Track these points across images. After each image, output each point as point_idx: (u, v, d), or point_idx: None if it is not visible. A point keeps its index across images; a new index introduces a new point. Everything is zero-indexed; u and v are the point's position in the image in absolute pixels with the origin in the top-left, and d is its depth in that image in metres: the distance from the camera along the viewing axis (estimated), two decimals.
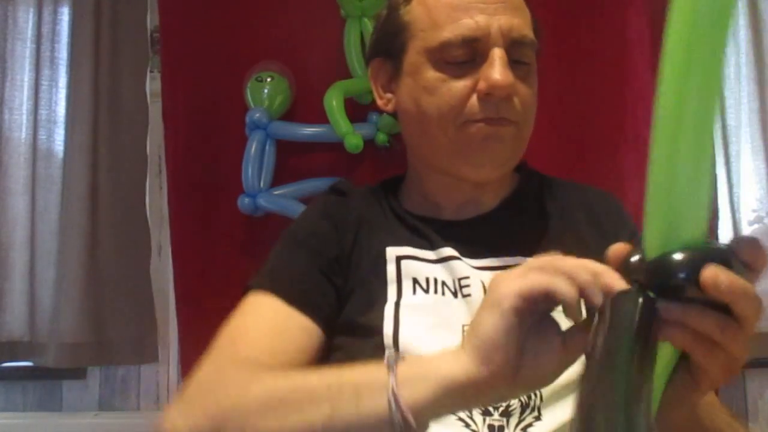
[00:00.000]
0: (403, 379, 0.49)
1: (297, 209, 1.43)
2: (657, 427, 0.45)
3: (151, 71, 1.91)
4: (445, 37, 0.70)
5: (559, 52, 1.58)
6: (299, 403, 0.52)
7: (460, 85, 0.70)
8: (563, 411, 0.64)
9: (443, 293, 0.71)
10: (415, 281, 0.72)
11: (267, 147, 1.55)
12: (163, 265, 1.87)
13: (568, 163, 1.50)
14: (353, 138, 1.49)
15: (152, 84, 1.88)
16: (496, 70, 0.68)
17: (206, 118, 1.62)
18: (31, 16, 1.94)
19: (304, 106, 1.62)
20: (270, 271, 0.75)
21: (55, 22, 1.94)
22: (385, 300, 0.71)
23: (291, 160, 1.60)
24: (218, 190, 1.59)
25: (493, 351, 0.46)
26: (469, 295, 0.70)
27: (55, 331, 1.79)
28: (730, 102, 1.77)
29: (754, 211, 1.76)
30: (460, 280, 0.71)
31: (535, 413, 0.63)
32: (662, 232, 0.44)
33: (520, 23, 0.71)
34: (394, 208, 0.80)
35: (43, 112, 1.92)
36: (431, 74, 0.72)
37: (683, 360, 0.46)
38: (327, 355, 0.72)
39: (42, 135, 1.92)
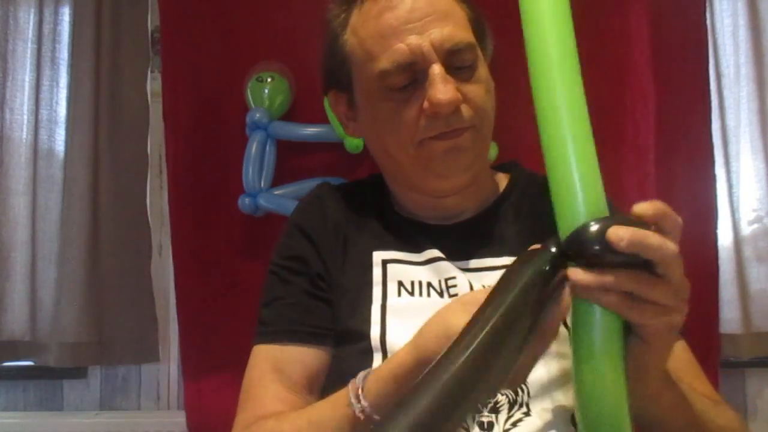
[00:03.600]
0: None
1: None
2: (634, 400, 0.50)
3: (151, 71, 1.91)
4: (382, 67, 0.70)
5: None
6: None
7: (408, 109, 0.71)
8: (552, 405, 0.64)
9: (429, 295, 0.72)
10: (401, 284, 0.73)
11: (267, 147, 1.55)
12: (163, 264, 1.87)
13: None
14: (353, 138, 1.50)
15: (153, 84, 1.88)
16: (437, 89, 0.68)
17: (207, 118, 1.62)
18: (32, 16, 1.94)
19: (304, 106, 1.62)
20: (262, 319, 0.78)
21: (56, 22, 1.95)
22: (370, 302, 0.72)
23: (291, 160, 1.60)
24: (218, 190, 1.59)
25: None
26: (456, 294, 0.70)
27: (56, 331, 1.79)
28: (729, 102, 1.77)
29: (754, 210, 1.76)
30: (446, 280, 0.72)
31: (524, 408, 0.64)
32: (567, 218, 0.48)
33: (452, 30, 0.71)
34: (383, 209, 0.81)
35: (44, 112, 1.93)
36: (380, 105, 0.73)
37: (628, 330, 0.50)
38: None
39: (43, 135, 1.92)
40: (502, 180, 0.84)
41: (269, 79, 1.55)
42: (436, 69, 0.69)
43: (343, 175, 1.57)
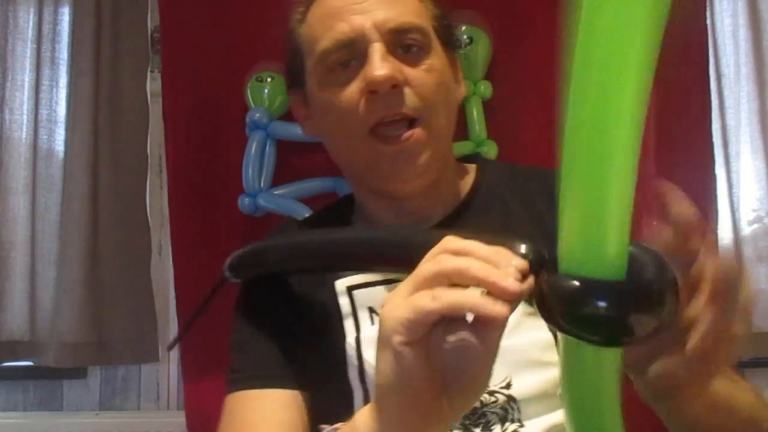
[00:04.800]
0: None
1: (297, 209, 1.43)
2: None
3: (151, 71, 1.91)
4: (323, 47, 0.68)
5: (559, 51, 1.57)
6: None
7: (348, 92, 0.68)
8: (546, 417, 0.62)
9: None
10: (371, 310, 0.69)
11: (267, 147, 1.55)
12: (163, 265, 1.87)
13: None
14: None
15: (152, 84, 1.88)
16: (373, 65, 0.65)
17: (206, 118, 1.62)
18: (31, 16, 1.94)
19: None
20: (236, 366, 0.72)
21: (55, 22, 1.94)
22: (344, 337, 0.68)
23: (291, 160, 1.60)
24: (218, 190, 1.59)
25: (395, 396, 0.42)
26: None
27: (56, 331, 1.79)
28: (730, 102, 1.77)
29: (754, 210, 1.76)
30: None
31: (517, 423, 0.62)
32: (583, 237, 0.37)
33: (399, 12, 0.68)
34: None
35: (43, 112, 1.92)
36: (322, 93, 0.70)
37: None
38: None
39: (42, 135, 1.92)
40: (470, 175, 0.80)
41: (269, 79, 1.55)
42: (376, 47, 0.66)
43: (343, 174, 1.57)
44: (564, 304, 0.37)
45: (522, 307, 0.66)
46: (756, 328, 1.71)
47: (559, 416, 0.63)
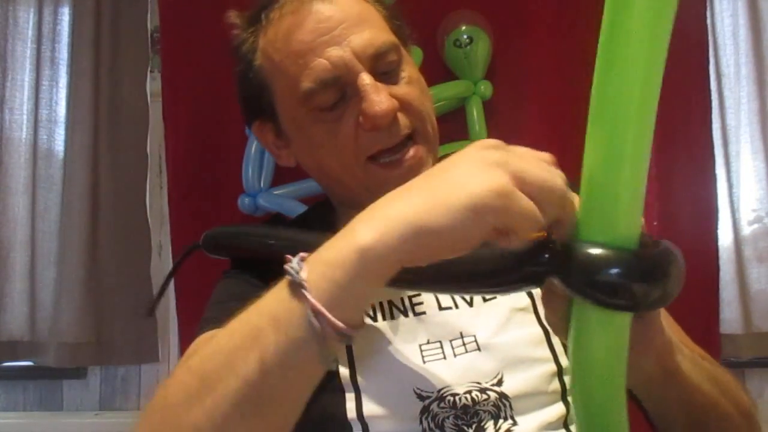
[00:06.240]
0: (318, 296, 0.44)
1: (297, 209, 1.43)
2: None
3: (151, 71, 1.91)
4: (305, 88, 0.65)
5: (559, 51, 1.58)
6: (224, 367, 0.47)
7: (343, 127, 0.65)
8: (539, 414, 0.62)
9: (392, 316, 0.67)
10: None
11: None
12: (163, 265, 1.87)
13: (568, 164, 1.50)
14: None
15: (152, 84, 1.88)
16: (371, 101, 0.63)
17: (206, 118, 1.62)
18: (31, 16, 1.94)
19: None
20: (213, 314, 0.69)
21: (55, 22, 1.95)
22: None
23: None
24: (218, 190, 1.59)
25: (441, 247, 0.43)
26: (423, 312, 0.66)
27: (56, 331, 1.79)
28: (730, 102, 1.77)
29: (754, 210, 1.76)
30: (410, 297, 0.67)
31: (510, 421, 0.61)
32: (600, 217, 0.41)
33: (372, 34, 0.65)
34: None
35: (43, 112, 1.93)
36: (312, 129, 0.67)
37: None
38: None
39: (42, 135, 1.92)
40: None
41: None
42: (366, 79, 0.64)
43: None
44: (581, 267, 0.40)
45: (510, 303, 0.67)
46: (756, 328, 1.71)
47: (551, 412, 0.63)
